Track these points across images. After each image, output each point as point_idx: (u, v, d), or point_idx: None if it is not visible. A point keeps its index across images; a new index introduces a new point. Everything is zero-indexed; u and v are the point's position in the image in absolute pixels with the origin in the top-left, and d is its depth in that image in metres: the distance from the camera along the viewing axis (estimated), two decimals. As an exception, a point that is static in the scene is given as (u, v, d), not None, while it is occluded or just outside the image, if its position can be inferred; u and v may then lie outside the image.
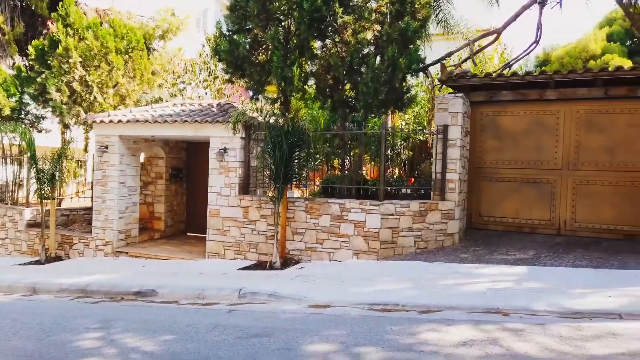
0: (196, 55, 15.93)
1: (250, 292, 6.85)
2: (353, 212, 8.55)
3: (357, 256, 8.51)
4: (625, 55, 28.08)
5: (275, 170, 8.49)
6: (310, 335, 5.01)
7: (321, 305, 6.23)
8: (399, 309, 5.88)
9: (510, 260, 7.76)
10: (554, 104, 9.54)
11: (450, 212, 8.93)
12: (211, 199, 9.79)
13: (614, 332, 4.56)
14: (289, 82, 8.72)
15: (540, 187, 9.64)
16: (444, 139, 9.00)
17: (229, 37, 9.58)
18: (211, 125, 9.71)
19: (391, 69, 8.41)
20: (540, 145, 9.65)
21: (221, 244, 9.68)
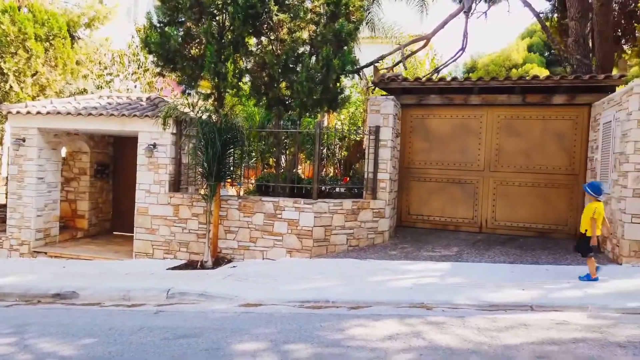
0: (126, 47, 15.21)
1: (179, 292, 6.68)
2: (287, 210, 8.57)
3: (290, 254, 8.54)
4: (544, 65, 30.25)
5: (207, 168, 8.32)
6: (240, 334, 4.96)
7: (252, 304, 6.20)
8: (329, 306, 5.97)
9: (436, 257, 8.12)
10: (478, 108, 10.10)
11: (381, 210, 9.19)
12: (139, 197, 9.42)
13: (526, 322, 4.91)
14: (222, 78, 8.56)
15: (465, 187, 10.17)
16: (375, 139, 9.24)
17: (160, 29, 9.25)
18: (140, 120, 9.34)
19: (325, 70, 8.51)
20: (465, 147, 10.17)
21: (150, 243, 9.34)
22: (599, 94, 9.17)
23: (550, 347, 4.23)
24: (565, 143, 9.57)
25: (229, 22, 9.08)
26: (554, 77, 9.38)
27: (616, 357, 3.98)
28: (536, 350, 4.18)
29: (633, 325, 4.74)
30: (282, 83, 9.37)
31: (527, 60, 30.64)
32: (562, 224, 9.52)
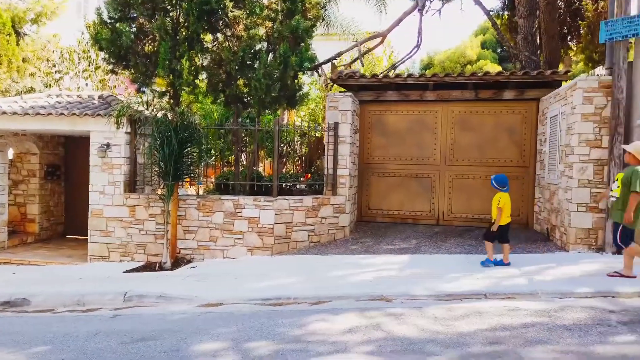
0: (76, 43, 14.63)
1: (137, 295, 6.52)
2: (247, 208, 8.51)
3: (251, 252, 8.50)
4: (497, 62, 31.26)
5: (164, 167, 8.15)
6: (200, 334, 4.91)
7: (213, 304, 6.13)
8: (291, 302, 5.99)
9: (395, 250, 8.28)
10: (433, 104, 10.34)
11: (342, 206, 9.28)
12: (93, 198, 9.13)
13: (480, 310, 5.09)
14: (178, 75, 8.40)
15: (422, 182, 10.40)
16: (335, 136, 9.31)
17: (111, 25, 8.97)
18: (92, 119, 9.04)
19: (283, 67, 8.50)
20: (421, 142, 10.41)
21: (105, 245, 9.07)
22: (546, 89, 9.57)
23: (503, 332, 4.41)
24: (516, 137, 9.94)
25: (183, 18, 8.91)
26: (505, 73, 9.73)
27: (563, 339, 4.19)
28: (489, 336, 4.34)
29: (579, 308, 4.99)
30: (240, 80, 9.29)
31: (481, 56, 31.58)
32: (514, 215, 9.83)
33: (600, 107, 7.39)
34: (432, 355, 3.98)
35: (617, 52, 7.19)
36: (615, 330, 4.33)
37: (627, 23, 7.05)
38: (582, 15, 14.78)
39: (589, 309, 4.96)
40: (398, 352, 4.08)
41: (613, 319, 4.64)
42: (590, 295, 5.42)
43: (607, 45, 7.50)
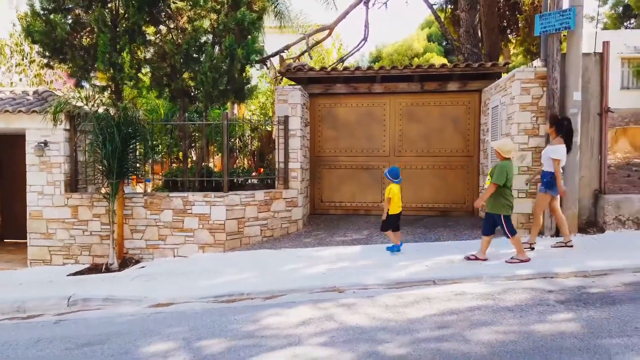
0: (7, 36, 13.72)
1: (82, 299, 6.27)
2: (197, 205, 8.34)
3: (203, 250, 8.34)
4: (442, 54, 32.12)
5: (107, 165, 7.84)
6: (150, 335, 4.79)
7: (163, 304, 5.99)
8: (244, 298, 5.94)
9: (348, 241, 8.37)
10: (381, 96, 10.50)
11: (294, 199, 9.27)
12: (31, 199, 8.66)
13: (429, 296, 5.25)
14: (119, 69, 8.08)
15: (373, 173, 10.56)
16: (285, 129, 9.27)
17: (45, 16, 8.49)
18: (27, 116, 8.55)
19: (230, 59, 8.35)
20: (371, 134, 10.55)
21: (46, 248, 8.64)
22: (487, 81, 9.93)
23: (450, 316, 4.57)
24: (461, 127, 10.27)
25: (122, 9, 8.58)
26: (448, 66, 10.01)
27: (506, 320, 4.39)
28: (437, 321, 4.48)
29: (520, 290, 5.25)
30: (186, 74, 9.06)
31: (428, 49, 32.34)
32: (460, 202, 10.25)
33: (537, 97, 7.74)
34: (383, 343, 4.06)
35: (551, 45, 7.55)
36: (554, 309, 4.58)
37: (560, 16, 7.41)
38: (520, 9, 15.44)
39: (530, 290, 5.22)
40: (350, 342, 4.14)
41: (551, 298, 4.90)
42: (531, 276, 5.70)
43: (542, 38, 7.86)
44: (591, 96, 7.88)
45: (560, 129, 6.87)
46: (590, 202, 7.92)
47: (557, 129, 6.88)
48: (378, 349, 3.96)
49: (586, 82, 7.82)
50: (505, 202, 6.25)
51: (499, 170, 6.22)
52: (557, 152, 6.66)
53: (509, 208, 6.28)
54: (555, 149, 6.68)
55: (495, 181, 6.20)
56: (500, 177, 6.17)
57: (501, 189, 6.23)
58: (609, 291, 5.07)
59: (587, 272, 5.71)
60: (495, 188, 6.22)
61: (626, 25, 29.17)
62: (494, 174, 6.25)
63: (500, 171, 6.20)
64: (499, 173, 6.19)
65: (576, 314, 4.44)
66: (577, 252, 6.62)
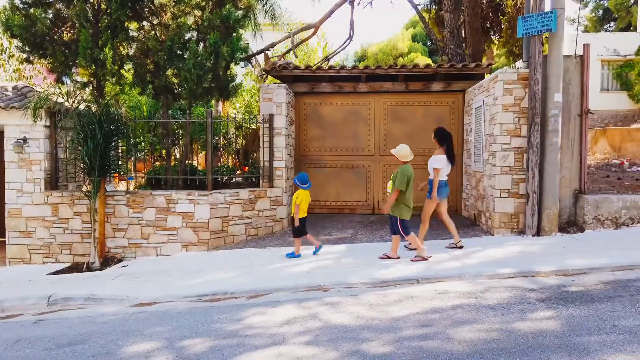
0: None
1: (62, 298, 6.17)
2: (181, 203, 8.26)
3: (186, 249, 8.27)
4: (427, 54, 32.32)
5: (89, 162, 7.72)
6: (132, 335, 4.73)
7: (146, 303, 5.93)
8: (228, 297, 5.91)
9: (332, 240, 8.38)
10: (366, 96, 10.53)
11: (279, 198, 9.25)
12: (10, 197, 8.48)
13: (412, 295, 5.28)
14: (101, 65, 7.97)
15: (358, 172, 10.59)
16: (270, 127, 9.24)
17: (25, 10, 8.33)
18: (5, 112, 8.36)
19: (214, 57, 8.29)
20: (356, 133, 10.57)
21: (26, 247, 8.48)
22: (471, 81, 10.03)
23: (433, 315, 4.60)
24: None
25: (105, 4, 8.45)
26: (432, 66, 10.07)
27: (488, 318, 4.45)
28: (421, 319, 4.51)
29: (502, 288, 5.31)
30: (169, 71, 8.97)
31: (412, 49, 32.50)
32: (444, 202, 10.32)
33: (519, 98, 7.85)
34: (367, 342, 4.08)
35: (534, 46, 7.65)
36: (534, 308, 4.65)
37: (541, 18, 7.52)
38: (503, 10, 15.61)
39: (511, 288, 5.29)
40: (334, 341, 4.15)
41: (532, 297, 4.98)
42: (512, 275, 5.78)
43: (524, 40, 7.96)
44: (572, 97, 8.01)
45: (442, 141, 7.22)
46: (571, 202, 8.06)
47: (440, 141, 7.24)
48: (362, 347, 3.97)
49: (567, 83, 7.95)
50: (403, 205, 6.63)
51: (401, 175, 6.55)
52: (438, 162, 7.05)
53: (408, 212, 6.67)
54: (437, 159, 7.07)
55: (398, 187, 6.54)
56: (402, 182, 6.52)
57: (400, 193, 6.59)
58: (588, 289, 5.16)
59: (567, 271, 5.81)
60: (398, 193, 6.58)
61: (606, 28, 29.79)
62: (396, 179, 6.57)
63: (402, 176, 6.54)
64: (400, 178, 6.53)
65: (556, 312, 4.51)
66: (557, 251, 6.74)
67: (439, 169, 7.02)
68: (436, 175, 7.01)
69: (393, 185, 6.65)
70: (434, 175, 7.05)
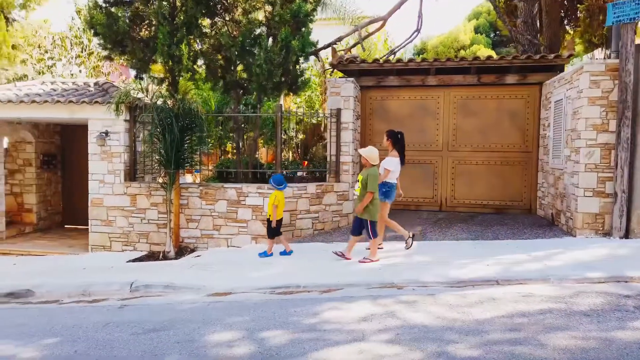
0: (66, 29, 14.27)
1: (144, 285, 6.44)
2: (251, 196, 8.41)
3: (256, 241, 8.42)
4: (490, 46, 31.11)
5: (165, 155, 8.01)
6: (213, 324, 4.85)
7: (221, 293, 6.07)
8: (301, 291, 5.94)
9: (400, 237, 8.22)
10: (435, 89, 10.24)
11: (345, 193, 9.21)
12: (93, 187, 8.98)
13: (494, 297, 5.07)
14: (177, 61, 8.23)
15: (424, 168, 10.35)
16: (337, 122, 9.20)
17: (106, 9, 8.74)
18: (89, 107, 8.84)
19: (285, 51, 8.33)
20: (423, 128, 10.32)
21: (107, 235, 8.95)
22: (548, 73, 9.51)
23: (520, 319, 4.39)
24: (519, 121, 9.89)
25: (180, 2, 8.71)
26: (507, 57, 9.64)
27: (582, 325, 4.18)
28: (507, 323, 4.32)
29: (593, 294, 4.99)
30: (240, 66, 9.12)
31: (474, 41, 31.38)
32: (517, 200, 9.90)
33: (607, 90, 7.33)
34: (452, 343, 3.94)
35: (625, 35, 7.11)
36: (634, 316, 4.32)
37: (636, 5, 6.97)
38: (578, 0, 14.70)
39: (604, 294, 4.95)
40: (417, 340, 4.05)
41: (630, 304, 4.63)
42: (603, 280, 5.41)
43: (614, 28, 7.42)
44: (667, 90, 7.39)
45: (396, 142, 7.25)
46: (663, 203, 7.45)
47: (394, 142, 7.26)
48: (447, 349, 3.85)
49: (662, 75, 7.34)
50: (372, 207, 6.63)
51: (372, 178, 6.54)
52: (390, 163, 7.08)
53: (375, 214, 6.68)
54: (389, 161, 7.09)
55: (371, 189, 6.54)
56: (375, 184, 6.54)
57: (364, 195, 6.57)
58: (692, 299, 4.75)
59: (665, 277, 5.37)
60: (372, 196, 6.56)
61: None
62: (367, 182, 6.56)
63: (374, 179, 6.54)
64: (372, 181, 6.53)
65: (659, 321, 4.18)
66: (650, 256, 6.26)
67: (390, 170, 7.05)
68: (385, 176, 7.08)
69: (361, 188, 6.65)
70: (383, 175, 7.09)
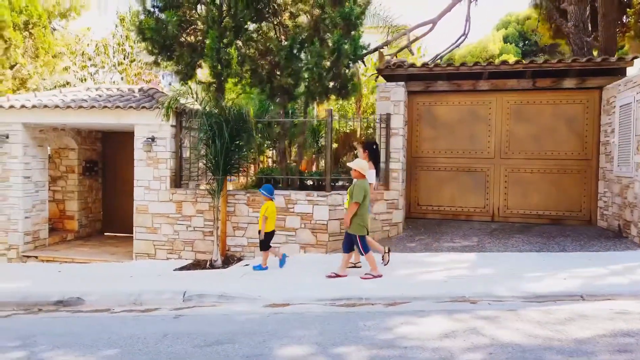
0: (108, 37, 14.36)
1: (197, 294, 6.19)
2: (299, 204, 8.14)
3: (304, 250, 8.13)
4: (519, 56, 30.48)
5: (214, 161, 7.80)
6: (278, 337, 4.55)
7: (279, 304, 5.78)
8: (363, 303, 5.61)
9: (457, 248, 7.84)
10: (487, 94, 9.84)
11: (395, 201, 8.86)
12: (138, 194, 8.84)
13: (584, 313, 4.64)
14: (226, 64, 8.06)
15: (475, 176, 9.92)
16: (387, 127, 8.89)
17: (154, 14, 8.66)
18: (136, 112, 8.74)
19: (336, 55, 8.09)
20: (474, 134, 9.92)
21: (151, 243, 8.78)
22: (609, 77, 9.02)
23: (626, 339, 3.96)
24: (576, 127, 9.41)
25: (226, 6, 8.57)
26: (566, 60, 9.19)
27: (702, 347, 3.74)
28: (612, 343, 3.89)
29: (698, 311, 4.52)
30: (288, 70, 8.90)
31: (503, 50, 30.79)
32: (575, 210, 9.38)
33: (684, 93, 6.85)
34: (557, 365, 3.55)
35: None
36: None
37: None
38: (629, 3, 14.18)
39: None
40: (515, 361, 3.66)
41: None
42: None
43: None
44: None
45: (372, 154, 7.28)
46: None
47: (370, 154, 7.26)
48: (554, 372, 3.46)
49: None
50: (360, 222, 6.39)
51: (358, 189, 6.34)
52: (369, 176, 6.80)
53: (363, 228, 6.44)
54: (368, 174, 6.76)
55: (356, 199, 6.29)
56: (360, 194, 6.30)
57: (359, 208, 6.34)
58: None
59: None
60: (357, 207, 6.31)
61: None
62: (353, 193, 6.37)
63: (359, 190, 6.33)
64: (358, 191, 6.32)
65: None
66: None
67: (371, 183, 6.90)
68: None
69: (349, 201, 6.48)
70: None
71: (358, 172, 6.48)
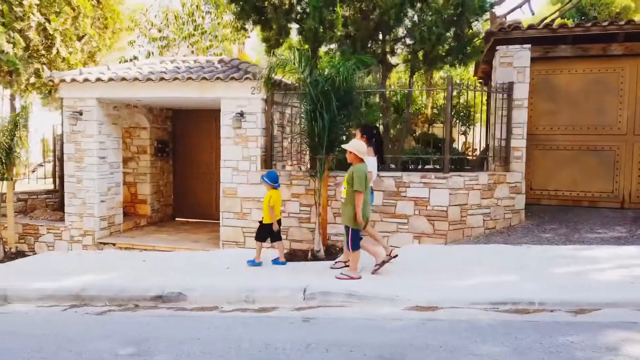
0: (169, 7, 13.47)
1: (320, 292, 5.21)
2: (413, 187, 7.05)
3: (418, 240, 7.06)
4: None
5: (318, 138, 6.76)
6: (464, 355, 3.53)
7: (424, 307, 4.74)
8: (536, 309, 4.51)
9: (607, 239, 6.60)
10: (618, 60, 8.41)
11: (518, 184, 7.66)
12: (225, 176, 7.95)
13: None
14: (329, 26, 6.98)
15: (601, 156, 8.55)
16: (509, 99, 7.65)
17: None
18: (223, 84, 7.80)
19: (461, 10, 6.87)
20: (601, 108, 8.52)
21: (240, 229, 7.89)
22: None
23: None
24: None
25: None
26: None
27: None
28: None
29: None
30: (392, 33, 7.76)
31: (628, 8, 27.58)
32: None
33: None
34: None
35: None
36: None
37: None
38: None
39: None
40: None
41: None
42: None
43: None
44: None
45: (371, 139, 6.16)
46: None
47: (369, 139, 6.11)
48: None
49: None
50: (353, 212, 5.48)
51: (357, 175, 5.45)
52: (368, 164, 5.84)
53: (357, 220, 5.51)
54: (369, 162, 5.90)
55: (357, 189, 5.43)
56: (361, 183, 5.44)
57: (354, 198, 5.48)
58: None
59: None
60: (361, 196, 5.45)
61: None
62: (354, 181, 5.46)
63: (359, 176, 5.44)
64: (358, 179, 5.43)
65: None
66: None
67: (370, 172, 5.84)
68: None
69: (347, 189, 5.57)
70: None
71: (354, 155, 5.53)
